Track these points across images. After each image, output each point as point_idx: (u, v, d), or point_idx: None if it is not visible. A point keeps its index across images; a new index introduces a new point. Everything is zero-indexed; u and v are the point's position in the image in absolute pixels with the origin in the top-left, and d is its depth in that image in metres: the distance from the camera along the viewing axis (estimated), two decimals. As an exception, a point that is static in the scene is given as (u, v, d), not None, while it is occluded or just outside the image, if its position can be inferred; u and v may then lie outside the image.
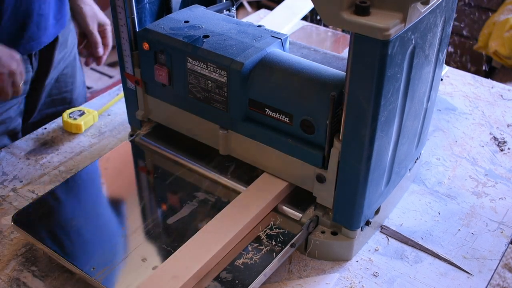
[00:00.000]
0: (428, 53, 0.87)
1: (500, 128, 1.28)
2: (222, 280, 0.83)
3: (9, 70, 1.11)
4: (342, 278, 0.92)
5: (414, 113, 0.92)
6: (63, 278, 0.90)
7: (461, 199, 1.08)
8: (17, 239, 0.97)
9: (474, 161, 1.18)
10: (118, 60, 1.06)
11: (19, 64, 1.13)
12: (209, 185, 1.01)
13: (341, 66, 0.99)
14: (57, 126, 1.25)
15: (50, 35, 1.26)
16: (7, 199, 1.05)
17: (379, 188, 0.91)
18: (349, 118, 0.80)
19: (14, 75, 1.12)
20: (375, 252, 0.96)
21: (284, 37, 0.97)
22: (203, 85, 0.95)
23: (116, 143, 1.19)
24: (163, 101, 1.06)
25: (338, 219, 0.92)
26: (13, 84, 1.14)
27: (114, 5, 0.99)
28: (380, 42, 0.71)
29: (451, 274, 0.93)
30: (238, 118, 0.95)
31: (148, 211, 0.97)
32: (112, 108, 1.31)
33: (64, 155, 1.17)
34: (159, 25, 0.99)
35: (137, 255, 0.88)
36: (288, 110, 0.89)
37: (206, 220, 0.93)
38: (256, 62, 0.91)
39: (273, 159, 0.96)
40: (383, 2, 0.72)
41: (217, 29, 0.98)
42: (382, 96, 0.76)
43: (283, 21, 1.63)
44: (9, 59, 1.11)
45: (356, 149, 0.82)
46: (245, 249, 0.89)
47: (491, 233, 1.00)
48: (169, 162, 1.07)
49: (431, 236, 0.99)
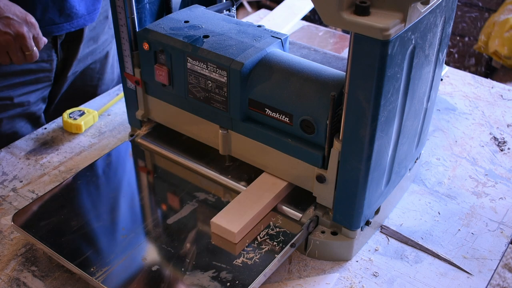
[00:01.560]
0: (428, 53, 0.87)
1: (500, 128, 1.28)
2: (222, 280, 0.84)
3: (16, 32, 1.05)
4: (342, 278, 0.92)
5: (414, 113, 0.92)
6: (63, 278, 0.90)
7: (461, 199, 1.08)
8: (17, 239, 0.97)
9: (474, 161, 1.18)
10: (118, 60, 1.07)
11: (33, 28, 1.07)
12: (209, 185, 1.02)
13: (341, 66, 0.99)
14: (57, 126, 1.25)
15: (75, 24, 1.24)
16: (7, 199, 1.05)
17: (379, 188, 0.91)
18: (349, 118, 0.80)
19: (24, 38, 1.06)
20: (375, 252, 0.96)
21: (284, 37, 0.97)
22: (203, 85, 0.95)
23: (116, 143, 1.19)
24: (163, 101, 1.06)
25: (338, 219, 0.92)
26: (24, 49, 1.08)
27: (114, 5, 0.99)
28: (380, 42, 0.71)
29: (451, 274, 0.93)
30: (238, 118, 0.95)
31: (148, 211, 0.97)
32: (112, 108, 1.31)
33: (64, 155, 1.17)
34: (159, 25, 0.99)
35: (137, 255, 0.88)
36: (288, 110, 0.89)
37: (206, 220, 0.93)
38: (256, 62, 0.91)
39: (273, 159, 0.96)
40: (383, 2, 0.72)
41: (217, 29, 0.98)
42: (382, 96, 0.76)
43: (283, 21, 1.63)
44: (19, 21, 1.05)
45: (356, 149, 0.82)
46: (245, 249, 0.89)
47: (491, 233, 1.00)
48: (169, 162, 1.07)
49: (431, 236, 0.99)
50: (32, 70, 1.26)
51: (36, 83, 1.28)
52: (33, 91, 1.28)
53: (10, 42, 1.06)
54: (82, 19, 1.25)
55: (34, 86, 1.28)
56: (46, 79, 1.30)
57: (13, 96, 1.26)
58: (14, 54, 1.08)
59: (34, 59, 1.11)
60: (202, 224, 0.93)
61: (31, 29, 1.07)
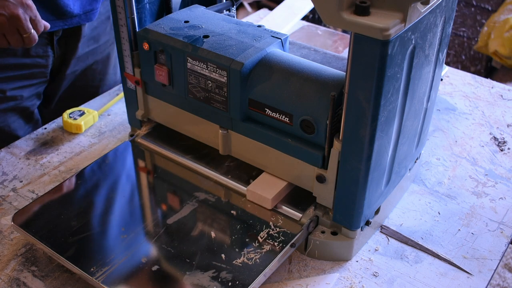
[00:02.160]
0: (428, 53, 0.87)
1: (500, 128, 1.28)
2: (222, 280, 0.84)
3: (10, 13, 1.02)
4: (342, 278, 0.92)
5: (414, 113, 0.92)
6: (63, 278, 0.90)
7: (461, 199, 1.08)
8: (17, 239, 0.97)
9: (474, 161, 1.18)
10: (118, 60, 1.07)
11: (29, 10, 1.05)
12: (209, 185, 1.02)
13: (341, 66, 0.99)
14: (57, 126, 1.25)
15: (69, 23, 1.24)
16: (7, 199, 1.05)
17: (379, 188, 0.91)
18: (349, 118, 0.80)
19: (19, 20, 1.04)
20: (375, 252, 0.96)
21: (284, 37, 0.97)
22: (203, 85, 0.95)
23: (116, 143, 1.19)
24: (163, 101, 1.06)
25: (338, 219, 0.92)
26: (21, 31, 1.06)
27: (114, 5, 0.99)
28: (380, 42, 0.71)
29: (451, 274, 0.93)
30: (238, 118, 0.95)
31: (148, 211, 0.97)
32: (112, 108, 1.31)
33: (64, 155, 1.17)
34: (159, 25, 0.99)
35: (137, 255, 0.88)
36: (288, 110, 0.89)
37: (206, 220, 0.93)
38: (256, 62, 0.91)
39: (273, 159, 0.96)
40: (383, 2, 0.72)
41: (217, 29, 0.98)
42: (382, 96, 0.76)
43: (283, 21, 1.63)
44: (15, 3, 1.02)
45: (356, 149, 0.82)
46: (245, 249, 0.89)
47: (491, 233, 1.00)
48: (169, 162, 1.07)
49: (431, 236, 0.99)
50: (26, 64, 1.25)
51: (30, 78, 1.28)
52: (27, 86, 1.27)
53: (4, 23, 1.03)
54: (78, 18, 1.25)
55: (28, 81, 1.28)
56: (41, 75, 1.29)
57: (5, 89, 1.25)
58: (11, 36, 1.05)
59: (33, 42, 1.08)
60: (202, 224, 0.93)
61: (27, 11, 1.05)
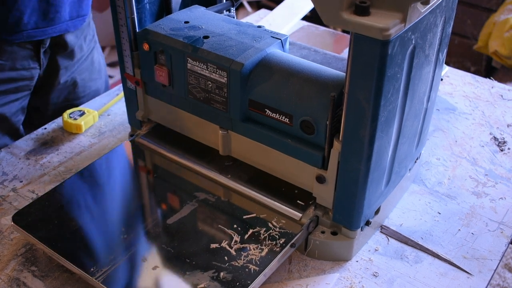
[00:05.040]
0: (428, 53, 0.87)
1: (500, 128, 1.28)
2: (222, 280, 0.84)
3: None
4: (342, 278, 0.92)
5: (414, 113, 0.92)
6: (63, 278, 0.91)
7: (461, 199, 1.08)
8: (17, 239, 0.97)
9: (474, 161, 1.18)
10: (118, 60, 1.07)
11: None
12: (209, 185, 1.02)
13: (341, 67, 0.99)
14: (57, 126, 1.25)
15: (57, 29, 1.24)
16: (7, 199, 1.05)
17: (379, 188, 0.91)
18: (349, 118, 0.80)
19: None
20: (375, 252, 0.97)
21: (284, 38, 0.97)
22: (203, 85, 0.95)
23: (116, 143, 1.19)
24: (163, 101, 1.06)
25: (338, 219, 0.92)
26: None
27: (114, 5, 0.99)
28: (380, 42, 0.71)
29: (451, 274, 0.93)
30: (238, 118, 0.95)
31: (148, 211, 0.97)
32: (112, 108, 1.31)
33: (64, 155, 1.17)
34: (159, 26, 0.99)
35: (137, 255, 0.88)
36: (288, 110, 0.89)
37: (206, 220, 0.93)
38: (256, 63, 0.92)
39: (273, 160, 0.96)
40: (383, 2, 0.72)
41: (217, 30, 0.98)
42: (382, 96, 0.76)
43: (283, 21, 1.63)
44: None
45: (356, 149, 0.82)
46: (245, 249, 0.89)
47: (491, 233, 1.00)
48: (169, 162, 1.07)
49: (431, 236, 0.99)
50: (12, 78, 1.24)
51: (15, 92, 1.27)
52: (13, 101, 1.26)
53: None
54: (65, 24, 1.25)
55: (14, 95, 1.26)
56: (26, 88, 1.29)
57: None
58: None
59: None
60: (202, 224, 0.93)
61: None
